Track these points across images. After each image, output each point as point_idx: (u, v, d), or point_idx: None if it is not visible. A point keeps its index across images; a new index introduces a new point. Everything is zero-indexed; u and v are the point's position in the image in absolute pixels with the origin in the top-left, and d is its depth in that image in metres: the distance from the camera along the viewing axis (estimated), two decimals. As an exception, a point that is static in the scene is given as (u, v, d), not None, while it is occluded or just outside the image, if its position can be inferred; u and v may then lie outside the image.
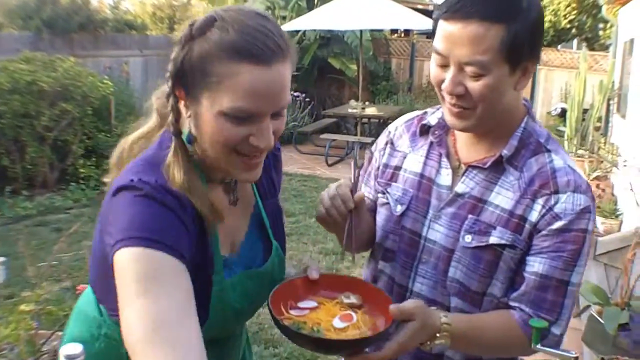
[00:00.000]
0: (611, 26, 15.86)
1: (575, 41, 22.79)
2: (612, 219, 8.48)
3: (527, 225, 1.90)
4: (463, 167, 2.03)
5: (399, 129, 2.28)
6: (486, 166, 1.96)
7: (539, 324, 1.77)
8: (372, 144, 2.36)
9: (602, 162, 9.67)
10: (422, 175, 2.10)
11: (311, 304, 1.88)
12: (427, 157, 2.11)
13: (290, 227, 8.69)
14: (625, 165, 5.58)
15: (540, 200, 1.89)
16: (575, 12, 20.41)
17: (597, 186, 9.42)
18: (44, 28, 13.05)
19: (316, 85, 19.12)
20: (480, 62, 1.77)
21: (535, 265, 1.89)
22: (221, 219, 1.69)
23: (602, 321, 4.38)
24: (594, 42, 21.76)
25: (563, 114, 14.16)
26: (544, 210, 1.88)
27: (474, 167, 1.99)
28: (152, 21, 22.10)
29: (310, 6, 17.71)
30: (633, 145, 9.20)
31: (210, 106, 1.55)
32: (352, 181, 2.02)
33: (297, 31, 17.01)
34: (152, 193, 1.53)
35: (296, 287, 1.90)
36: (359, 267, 7.35)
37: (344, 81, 19.01)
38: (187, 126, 1.67)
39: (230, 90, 1.52)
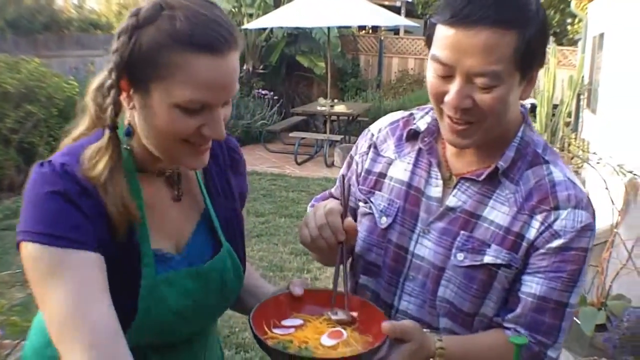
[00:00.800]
0: (579, 21, 15.95)
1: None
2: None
3: (524, 243, 1.78)
4: (454, 178, 1.90)
5: (382, 131, 2.11)
6: (480, 179, 1.83)
7: (518, 340, 1.65)
8: (341, 141, 2.22)
9: (572, 158, 9.67)
10: (409, 185, 1.95)
11: (296, 321, 1.75)
12: (415, 165, 1.96)
13: (260, 228, 8.62)
14: (598, 163, 5.55)
15: (539, 217, 1.77)
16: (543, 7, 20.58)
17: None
18: (7, 28, 12.90)
19: (284, 83, 19.13)
20: (493, 73, 1.62)
21: (533, 286, 1.78)
22: (134, 218, 1.58)
23: (579, 322, 4.36)
24: (563, 37, 21.95)
25: (533, 109, 14.22)
26: (542, 227, 1.76)
27: (467, 179, 1.86)
28: (118, 20, 21.90)
29: (277, 4, 17.66)
30: (604, 141, 9.22)
31: (162, 98, 1.49)
32: (342, 204, 1.83)
33: (264, 29, 16.96)
34: (56, 188, 1.50)
35: (279, 304, 1.79)
36: (330, 267, 7.28)
37: (312, 79, 19.01)
38: (125, 119, 1.62)
39: (185, 81, 1.47)
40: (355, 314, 1.77)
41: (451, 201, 1.86)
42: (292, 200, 10.27)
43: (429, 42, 1.74)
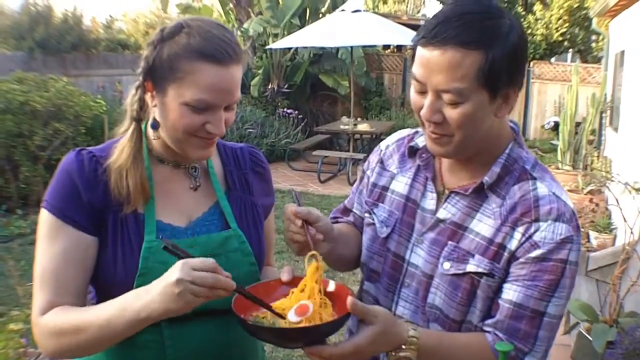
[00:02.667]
0: (603, 38, 15.91)
1: (569, 54, 22.86)
2: (605, 233, 8.45)
3: (505, 254, 1.84)
4: (447, 192, 1.99)
5: (390, 147, 2.24)
6: (467, 193, 1.92)
7: (504, 347, 1.70)
8: (364, 160, 2.33)
9: (596, 175, 9.67)
10: (407, 198, 2.07)
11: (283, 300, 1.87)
12: (413, 179, 2.08)
13: (281, 245, 8.61)
14: (612, 180, 5.56)
15: (521, 229, 1.83)
16: (567, 24, 20.48)
17: (591, 200, 9.41)
18: (37, 48, 13.12)
19: (309, 102, 19.17)
20: (457, 90, 1.72)
21: (510, 293, 1.83)
22: (147, 195, 1.93)
23: (590, 338, 4.38)
24: (587, 54, 21.85)
25: (556, 127, 14.19)
26: (523, 238, 1.82)
27: (457, 193, 1.95)
28: (145, 40, 22.16)
29: (303, 24, 17.78)
30: (625, 159, 9.20)
31: (175, 97, 1.83)
32: (295, 200, 2.07)
33: (289, 49, 17.05)
34: (66, 167, 1.90)
35: (269, 288, 1.91)
36: (350, 284, 7.34)
37: (336, 97, 19.05)
38: (152, 115, 1.95)
39: (194, 84, 1.81)
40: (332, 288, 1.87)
41: (441, 213, 1.96)
42: None
43: (412, 62, 1.86)
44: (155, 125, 1.94)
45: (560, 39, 20.52)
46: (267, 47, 16.29)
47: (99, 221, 1.88)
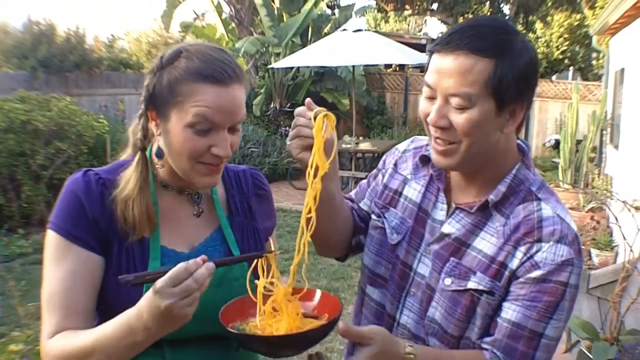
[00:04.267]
0: (603, 56, 15.94)
1: (570, 72, 22.90)
2: (607, 250, 8.44)
3: (506, 272, 1.85)
4: (453, 207, 2.01)
5: (407, 152, 2.25)
6: (472, 210, 1.94)
7: None
8: (366, 178, 2.34)
9: (597, 193, 9.67)
10: (420, 207, 2.08)
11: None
12: (426, 189, 2.09)
13: (284, 264, 8.59)
14: (612, 198, 5.57)
15: (523, 248, 1.84)
16: (567, 42, 20.53)
17: (592, 218, 9.40)
18: (40, 67, 13.16)
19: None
20: (465, 94, 1.76)
21: (509, 312, 1.84)
22: (153, 223, 1.91)
23: (591, 356, 4.38)
24: (588, 72, 21.89)
25: (557, 145, 14.19)
26: (524, 258, 1.83)
27: (462, 209, 1.97)
28: (148, 59, 22.18)
29: (304, 42, 17.84)
30: (626, 177, 9.21)
31: (178, 120, 1.81)
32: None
33: (291, 68, 17.11)
34: (73, 187, 1.88)
35: (252, 302, 1.89)
36: (352, 304, 7.34)
37: (338, 116, 19.07)
38: (156, 143, 1.93)
39: (195, 105, 1.79)
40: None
41: (446, 228, 1.98)
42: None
43: (426, 71, 1.91)
44: (160, 154, 1.93)
45: (561, 57, 20.57)
46: (269, 66, 16.34)
47: (105, 242, 1.86)
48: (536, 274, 1.81)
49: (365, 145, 14.64)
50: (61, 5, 76.55)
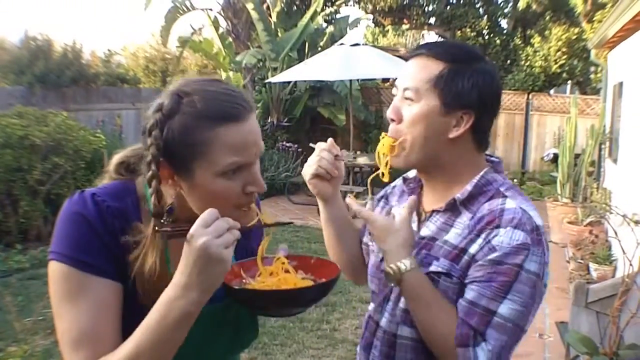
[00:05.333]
0: (601, 70, 15.96)
1: (568, 85, 22.94)
2: (606, 265, 8.45)
3: (465, 257, 1.95)
4: (426, 214, 2.16)
5: (396, 187, 2.44)
6: (442, 209, 2.08)
7: None
8: (364, 193, 2.55)
9: (595, 207, 9.67)
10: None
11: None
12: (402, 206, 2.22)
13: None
14: (611, 212, 5.57)
15: (483, 235, 1.94)
16: (565, 56, 20.56)
17: (591, 232, 9.41)
18: (37, 82, 13.18)
19: (308, 135, 19.20)
20: (414, 87, 2.00)
21: (468, 292, 1.92)
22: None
23: (591, 371, 4.35)
24: (586, 85, 21.91)
25: (555, 159, 14.21)
26: (483, 243, 1.92)
27: (436, 211, 2.10)
28: (145, 74, 22.27)
29: (301, 57, 17.86)
30: (625, 191, 9.20)
31: (206, 172, 1.68)
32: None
33: (289, 82, 17.13)
34: (82, 211, 1.71)
35: (248, 265, 1.98)
36: (350, 318, 7.34)
37: (336, 131, 19.07)
38: (167, 201, 1.77)
39: (221, 150, 1.66)
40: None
41: (423, 231, 2.12)
42: (315, 251, 10.12)
43: None
44: (172, 211, 1.78)
45: (559, 70, 20.57)
46: (266, 81, 16.35)
47: (121, 269, 1.71)
48: (492, 256, 1.89)
49: (362, 160, 14.60)
50: (58, 20, 76.75)
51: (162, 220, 1.74)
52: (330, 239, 2.43)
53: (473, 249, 1.94)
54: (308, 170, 2.20)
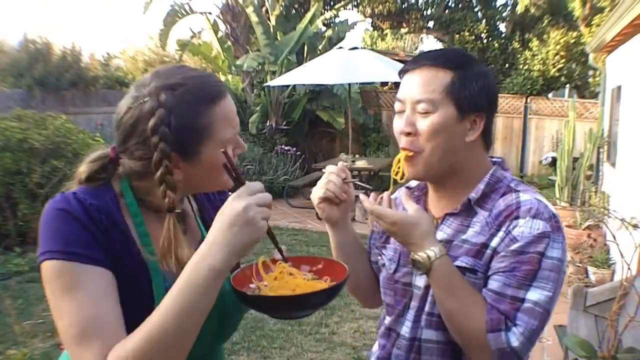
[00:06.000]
0: (600, 73, 15.97)
1: (567, 89, 22.95)
2: (604, 268, 8.45)
3: (488, 251, 1.99)
4: (436, 221, 2.16)
5: (397, 197, 2.44)
6: (457, 211, 2.10)
7: None
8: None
9: (594, 210, 9.68)
10: None
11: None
12: None
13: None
14: (609, 216, 5.58)
15: (503, 228, 1.98)
16: (564, 60, 20.58)
17: (589, 236, 9.41)
18: (36, 86, 13.19)
19: (307, 139, 19.22)
20: (428, 100, 2.00)
21: (492, 283, 1.94)
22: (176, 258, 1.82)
23: (589, 375, 4.36)
24: (585, 89, 21.92)
25: (554, 163, 14.20)
26: (504, 235, 1.96)
27: (450, 214, 2.12)
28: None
29: (300, 60, 17.88)
30: (623, 195, 9.21)
31: (212, 149, 1.80)
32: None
33: (287, 86, 17.13)
34: (66, 207, 1.73)
35: (257, 269, 1.98)
36: (349, 322, 7.33)
37: (334, 134, 19.10)
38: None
39: (221, 126, 1.82)
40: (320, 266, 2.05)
41: (439, 235, 2.10)
42: (313, 255, 9.95)
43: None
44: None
45: (557, 74, 20.59)
46: (265, 84, 16.35)
47: (111, 259, 1.74)
48: (514, 246, 1.93)
49: (361, 163, 14.61)
50: (57, 24, 76.71)
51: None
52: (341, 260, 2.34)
53: (494, 243, 1.98)
54: (316, 193, 2.22)
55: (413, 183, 2.35)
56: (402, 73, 2.13)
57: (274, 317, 2.13)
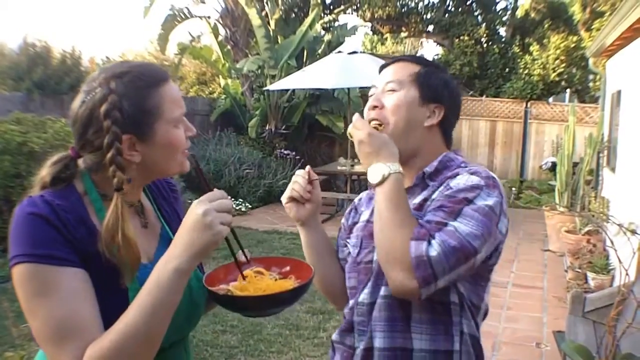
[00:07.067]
0: (600, 78, 15.97)
1: (567, 94, 22.96)
2: (603, 274, 8.44)
3: (428, 202, 2.19)
4: None
5: (362, 198, 2.64)
6: (412, 184, 2.30)
7: None
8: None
9: (593, 216, 9.66)
10: (368, 221, 2.40)
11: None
12: (373, 208, 2.29)
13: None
14: (608, 222, 5.57)
15: (444, 184, 2.19)
16: (564, 65, 20.58)
17: (588, 241, 9.41)
18: (35, 89, 13.16)
19: (306, 143, 19.22)
20: (397, 80, 2.31)
21: (424, 218, 2.08)
22: (137, 257, 1.88)
23: (586, 381, 4.34)
24: (585, 94, 21.91)
25: (554, 168, 14.20)
26: (442, 188, 2.17)
27: (407, 188, 2.26)
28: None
29: (300, 65, 17.86)
30: (623, 200, 9.19)
31: (164, 128, 1.93)
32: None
33: (287, 90, 17.14)
34: (35, 210, 1.78)
35: (229, 269, 2.16)
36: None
37: (333, 138, 19.10)
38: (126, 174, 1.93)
39: (169, 105, 1.94)
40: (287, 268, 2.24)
41: None
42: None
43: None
44: (130, 179, 1.93)
45: (558, 79, 20.59)
46: (265, 88, 16.34)
47: (82, 258, 1.79)
48: (447, 192, 2.12)
49: (360, 168, 14.57)
50: (57, 27, 76.82)
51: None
52: (311, 263, 2.47)
53: (434, 195, 2.19)
54: (284, 194, 2.46)
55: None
56: (380, 69, 2.44)
57: (244, 315, 2.26)
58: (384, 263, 2.07)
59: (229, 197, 1.83)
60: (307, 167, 2.50)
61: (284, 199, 2.46)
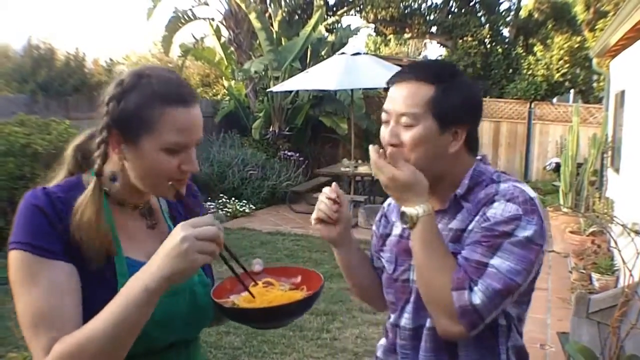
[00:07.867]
0: (604, 78, 15.95)
1: (571, 94, 22.94)
2: (608, 275, 8.41)
3: (465, 234, 2.13)
4: None
5: (391, 204, 2.54)
6: (446, 207, 2.22)
7: None
8: (365, 202, 2.67)
9: (597, 216, 9.64)
10: (401, 235, 2.35)
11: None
12: None
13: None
14: (612, 222, 5.56)
15: (480, 212, 2.10)
16: (567, 65, 20.56)
17: (593, 242, 9.38)
18: (39, 91, 13.17)
19: (310, 144, 19.19)
20: (411, 113, 2.10)
21: (462, 252, 2.07)
22: (111, 248, 1.91)
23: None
24: (589, 94, 21.90)
25: (558, 168, 14.18)
26: (480, 218, 2.09)
27: (439, 211, 2.22)
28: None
29: (303, 66, 17.82)
30: (627, 201, 9.18)
31: (151, 145, 1.86)
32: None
33: (290, 92, 17.14)
34: (36, 202, 1.85)
35: (240, 280, 2.09)
36: (350, 327, 7.32)
37: (337, 140, 19.06)
38: (110, 167, 1.96)
39: (167, 129, 1.86)
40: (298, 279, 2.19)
41: None
42: (315, 260, 10.16)
43: None
44: (115, 178, 1.97)
45: (561, 79, 20.60)
46: (268, 90, 16.33)
47: (75, 253, 1.83)
48: (485, 224, 2.06)
49: (364, 169, 14.58)
50: (60, 29, 76.88)
51: (102, 191, 1.91)
52: (348, 278, 2.56)
53: (471, 226, 2.12)
54: (312, 216, 2.37)
55: None
56: (389, 84, 2.23)
57: (252, 327, 2.26)
58: (428, 306, 2.10)
59: (220, 222, 1.78)
60: (334, 185, 2.37)
61: (312, 220, 2.39)
